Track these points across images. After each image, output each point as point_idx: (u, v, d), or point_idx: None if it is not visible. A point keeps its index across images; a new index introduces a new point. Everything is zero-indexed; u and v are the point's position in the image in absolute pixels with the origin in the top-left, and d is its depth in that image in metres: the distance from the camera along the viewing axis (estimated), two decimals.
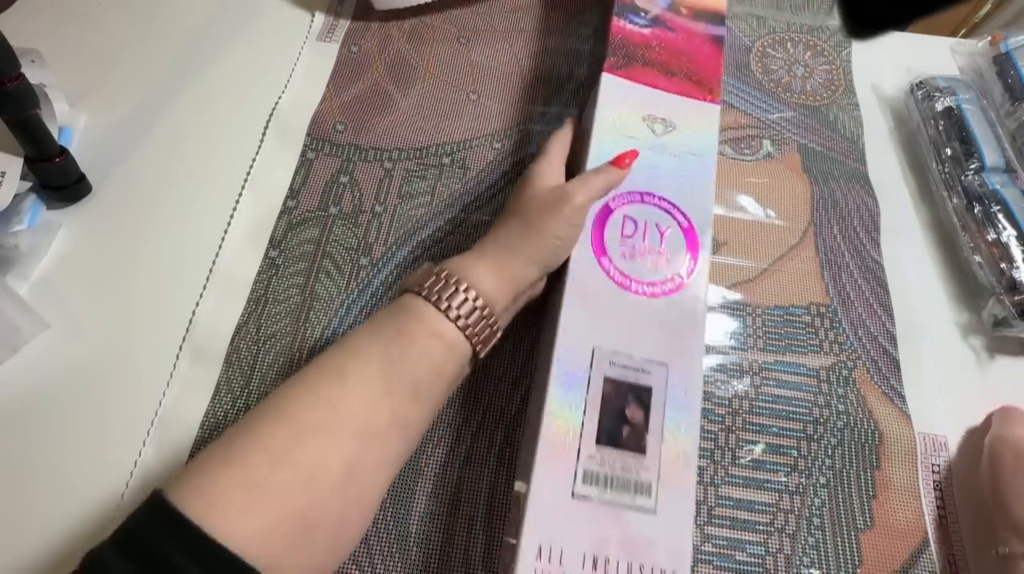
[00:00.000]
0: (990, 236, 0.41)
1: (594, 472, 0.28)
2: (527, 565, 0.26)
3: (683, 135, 0.38)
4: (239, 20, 0.54)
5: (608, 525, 0.27)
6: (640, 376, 0.30)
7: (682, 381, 0.30)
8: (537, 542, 0.26)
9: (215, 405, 0.37)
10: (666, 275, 0.33)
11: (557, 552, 0.26)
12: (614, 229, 0.34)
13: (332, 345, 0.28)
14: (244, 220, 0.43)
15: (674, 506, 0.28)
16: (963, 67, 0.53)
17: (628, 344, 0.31)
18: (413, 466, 0.36)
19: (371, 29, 0.53)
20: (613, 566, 0.26)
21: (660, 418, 0.29)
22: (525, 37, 0.53)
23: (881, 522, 0.35)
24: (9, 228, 0.41)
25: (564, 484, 0.28)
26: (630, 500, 0.28)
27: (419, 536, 0.34)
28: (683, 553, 0.27)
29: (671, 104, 0.39)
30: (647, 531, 0.27)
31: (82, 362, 0.38)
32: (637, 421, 0.29)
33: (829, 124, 0.50)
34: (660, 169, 0.36)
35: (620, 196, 0.35)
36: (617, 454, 0.28)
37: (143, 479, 0.35)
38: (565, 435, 0.29)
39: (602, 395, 0.30)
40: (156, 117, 0.48)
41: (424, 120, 0.48)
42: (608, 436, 0.29)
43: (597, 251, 0.33)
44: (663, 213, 0.35)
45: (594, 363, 0.30)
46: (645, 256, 0.33)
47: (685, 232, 0.35)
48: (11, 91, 0.37)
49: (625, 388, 0.30)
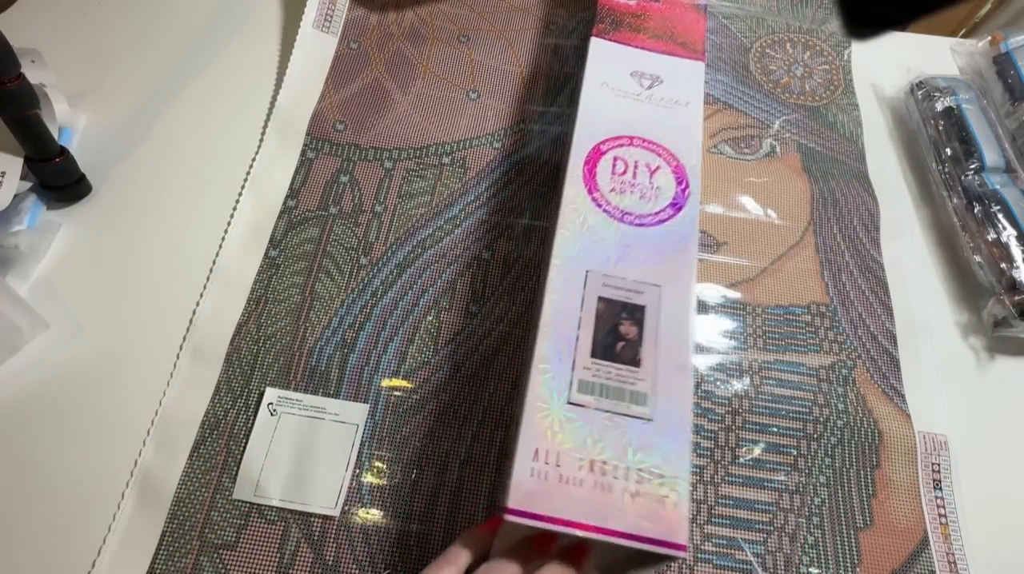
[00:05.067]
0: (990, 236, 0.41)
1: (589, 382, 0.29)
2: (524, 465, 0.26)
3: (669, 88, 0.39)
4: (238, 18, 0.54)
5: (605, 430, 0.28)
6: (633, 296, 0.31)
7: (675, 299, 0.31)
8: (534, 445, 0.27)
9: (215, 405, 0.37)
10: (657, 208, 0.34)
11: (554, 454, 0.27)
12: (605, 168, 0.35)
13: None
14: (244, 220, 0.43)
15: (671, 414, 0.28)
16: (963, 67, 0.53)
17: (621, 270, 0.32)
18: (413, 466, 0.36)
19: (370, 26, 0.53)
20: (610, 467, 0.27)
21: (654, 333, 0.30)
22: (525, 36, 0.53)
23: (881, 521, 0.35)
24: (9, 228, 0.41)
25: (560, 392, 0.28)
26: (626, 408, 0.28)
27: (419, 536, 0.34)
28: (681, 458, 0.27)
29: (657, 62, 0.41)
30: (645, 438, 0.28)
31: (82, 362, 0.38)
32: (631, 336, 0.30)
33: (829, 124, 0.50)
34: (648, 117, 0.38)
35: (609, 140, 0.36)
36: (612, 366, 0.29)
37: (143, 479, 0.35)
38: (560, 349, 0.29)
39: (596, 312, 0.30)
40: (156, 117, 0.48)
41: (424, 119, 0.48)
42: (603, 350, 0.29)
43: (589, 188, 0.34)
44: (652, 155, 0.36)
45: (587, 284, 0.31)
46: (635, 191, 0.34)
47: (674, 170, 0.36)
48: (11, 91, 0.37)
49: (619, 306, 0.31)
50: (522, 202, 0.45)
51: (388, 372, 0.38)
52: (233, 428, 0.36)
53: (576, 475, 0.26)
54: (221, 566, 0.33)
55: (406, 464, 0.36)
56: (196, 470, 0.35)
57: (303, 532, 0.34)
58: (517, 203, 0.45)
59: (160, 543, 0.33)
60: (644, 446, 0.27)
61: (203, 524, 0.34)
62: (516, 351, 0.39)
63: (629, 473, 0.27)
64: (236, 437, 0.36)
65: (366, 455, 0.36)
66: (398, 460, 0.36)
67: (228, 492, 0.34)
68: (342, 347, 0.39)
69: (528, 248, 0.43)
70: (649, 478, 0.27)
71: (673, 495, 0.26)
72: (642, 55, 0.41)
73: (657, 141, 0.37)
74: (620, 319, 0.30)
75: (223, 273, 0.41)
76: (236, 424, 0.36)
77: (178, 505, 0.34)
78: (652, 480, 0.27)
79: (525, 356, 0.35)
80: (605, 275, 0.31)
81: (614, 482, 0.26)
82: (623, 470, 0.27)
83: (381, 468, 0.35)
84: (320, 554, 0.33)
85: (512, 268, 0.42)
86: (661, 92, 0.39)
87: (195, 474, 0.35)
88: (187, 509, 0.34)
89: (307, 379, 0.38)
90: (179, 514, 0.34)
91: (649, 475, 0.27)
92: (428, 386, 0.38)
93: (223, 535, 0.33)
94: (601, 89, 0.39)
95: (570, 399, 0.28)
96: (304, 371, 0.38)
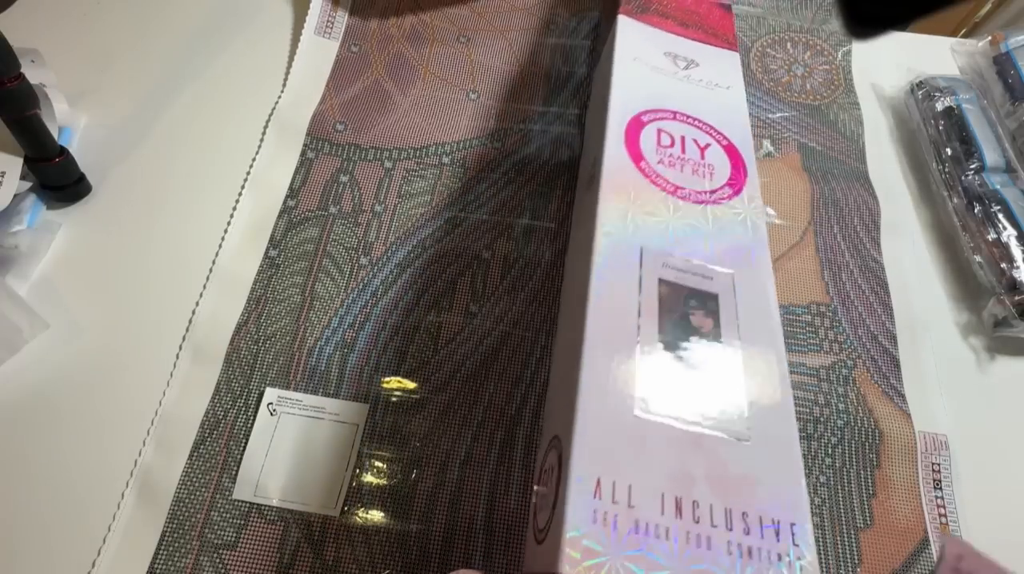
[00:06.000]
0: (990, 236, 0.41)
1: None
2: (581, 503, 0.18)
3: (707, 71, 0.35)
4: (240, 19, 0.54)
5: (687, 454, 0.20)
6: (701, 282, 0.25)
7: (754, 290, 0.25)
8: (593, 473, 0.19)
9: (215, 404, 0.37)
10: (714, 186, 0.29)
11: (623, 487, 0.19)
12: (649, 139, 0.30)
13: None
14: (244, 219, 0.43)
15: (773, 431, 0.21)
16: (963, 67, 0.53)
17: (681, 250, 0.26)
18: (413, 466, 0.36)
19: (371, 29, 0.53)
20: (705, 511, 0.19)
21: (734, 328, 0.24)
22: (525, 36, 0.53)
23: (881, 521, 0.35)
24: (9, 228, 0.41)
25: (622, 400, 0.21)
26: (714, 423, 0.21)
27: (419, 536, 0.34)
28: (797, 495, 0.20)
29: (691, 47, 0.37)
30: (742, 464, 0.20)
31: (82, 362, 0.38)
32: (707, 330, 0.24)
33: (829, 123, 0.50)
34: (688, 95, 0.33)
35: (649, 112, 0.32)
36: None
37: (143, 479, 0.35)
38: (616, 341, 0.23)
39: (659, 297, 0.24)
40: (156, 117, 0.48)
41: (424, 119, 0.48)
42: (673, 345, 0.23)
43: (634, 156, 0.29)
44: (699, 131, 0.31)
45: (644, 262, 0.25)
46: (687, 166, 0.29)
47: (726, 149, 0.31)
48: (11, 91, 0.37)
49: (685, 293, 0.25)
50: (522, 202, 0.45)
51: (388, 372, 0.38)
52: (233, 428, 0.36)
53: (658, 521, 0.19)
54: (221, 566, 0.33)
55: (406, 464, 0.36)
56: (196, 470, 0.35)
57: (303, 532, 0.34)
58: (517, 203, 0.45)
59: (160, 543, 0.33)
60: (743, 477, 0.20)
61: (203, 524, 0.34)
62: (516, 351, 0.39)
63: (732, 518, 0.19)
64: (236, 437, 0.36)
65: (366, 455, 0.36)
66: (398, 460, 0.36)
67: (228, 492, 0.34)
68: (342, 347, 0.39)
69: (528, 248, 0.43)
70: (756, 523, 0.19)
71: (795, 553, 0.19)
72: (674, 38, 0.37)
73: (702, 119, 0.32)
74: (689, 309, 0.24)
75: (223, 273, 0.41)
76: (236, 424, 0.36)
77: (178, 505, 0.34)
78: (765, 527, 0.19)
79: (557, 349, 0.30)
80: (664, 253, 0.26)
81: (713, 533, 0.19)
82: (721, 513, 0.19)
83: (381, 468, 0.35)
84: (320, 554, 0.33)
85: (512, 268, 0.42)
86: (699, 74, 0.35)
87: (195, 474, 0.35)
88: (187, 509, 0.34)
89: (307, 379, 0.38)
90: (179, 514, 0.34)
91: (756, 521, 0.19)
92: (428, 386, 0.38)
93: (223, 535, 0.33)
94: (634, 63, 0.34)
95: (636, 410, 0.21)
96: (304, 371, 0.38)
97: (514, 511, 0.34)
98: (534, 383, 0.38)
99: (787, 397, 0.23)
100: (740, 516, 0.19)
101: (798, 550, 0.19)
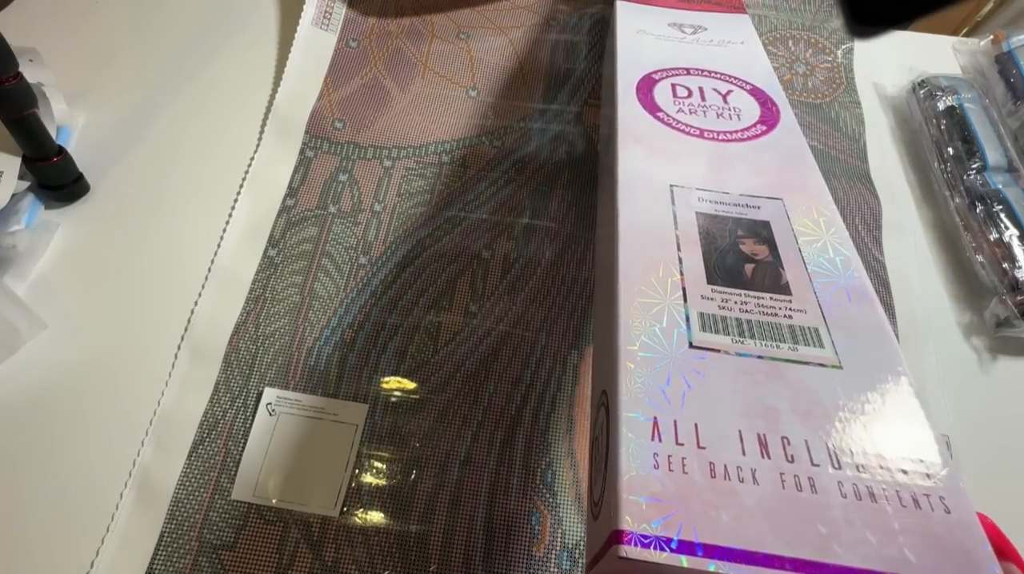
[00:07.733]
0: (992, 236, 0.41)
1: (716, 315, 0.20)
2: (637, 447, 0.15)
3: (716, 33, 0.34)
4: (237, 17, 0.54)
5: (764, 385, 0.17)
6: (746, 211, 0.23)
7: (810, 212, 0.23)
8: (647, 413, 0.16)
9: (214, 404, 0.37)
10: (744, 125, 0.27)
11: (688, 428, 0.16)
12: (664, 93, 0.29)
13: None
14: (243, 219, 0.43)
15: (872, 357, 0.19)
16: (965, 66, 0.53)
17: (718, 185, 0.24)
18: (413, 466, 0.36)
19: (369, 24, 0.52)
20: (800, 447, 0.16)
21: (795, 252, 0.22)
22: (525, 33, 0.53)
23: None
24: (7, 228, 0.41)
25: (675, 333, 0.19)
26: (790, 351, 0.19)
27: (419, 536, 0.34)
28: (917, 416, 0.17)
29: (696, 16, 0.35)
30: (839, 395, 0.18)
31: (80, 362, 0.38)
32: (762, 257, 0.22)
33: (831, 122, 0.50)
34: (701, 54, 0.32)
35: (660, 71, 0.30)
36: (748, 294, 0.20)
37: (141, 479, 0.35)
38: (652, 277, 0.21)
39: (699, 229, 0.22)
40: (154, 116, 0.48)
41: (423, 117, 0.48)
42: (726, 274, 0.21)
43: (650, 109, 0.28)
44: (717, 81, 0.30)
45: (676, 200, 0.24)
46: (710, 111, 0.28)
47: (751, 92, 0.29)
48: (9, 90, 0.37)
49: (730, 223, 0.23)
50: (522, 201, 0.45)
51: (387, 372, 0.38)
52: (232, 428, 0.36)
53: (740, 462, 0.16)
54: (220, 566, 0.33)
55: (405, 464, 0.36)
56: (195, 470, 0.35)
57: (302, 532, 0.34)
58: (517, 202, 0.45)
59: (159, 543, 0.33)
60: (847, 408, 0.17)
61: (202, 524, 0.34)
62: (516, 351, 0.39)
63: (839, 456, 0.16)
64: (235, 437, 0.36)
65: (365, 455, 0.36)
66: (397, 460, 0.36)
67: (227, 492, 0.34)
68: (341, 347, 0.39)
69: (528, 247, 0.43)
70: (881, 460, 0.16)
71: (940, 487, 0.15)
72: (676, 12, 0.35)
73: (720, 70, 0.30)
74: (738, 239, 0.22)
75: (221, 272, 0.41)
76: (235, 424, 0.36)
77: (177, 505, 0.34)
78: (889, 464, 0.16)
79: (596, 314, 0.27)
80: (699, 190, 0.24)
81: (815, 473, 0.15)
82: (827, 452, 0.16)
83: (380, 468, 0.35)
84: (319, 554, 0.33)
85: (512, 268, 0.42)
86: (708, 36, 0.33)
87: (194, 474, 0.35)
88: (186, 509, 0.34)
89: (306, 379, 0.38)
90: (178, 514, 0.34)
91: (879, 457, 0.16)
92: (428, 386, 0.38)
93: (222, 535, 0.33)
94: (638, 35, 0.33)
95: (692, 341, 0.19)
96: (303, 371, 0.38)
97: (514, 511, 0.34)
98: (534, 383, 0.38)
99: (879, 315, 0.20)
100: (850, 453, 0.16)
101: (946, 484, 0.15)
